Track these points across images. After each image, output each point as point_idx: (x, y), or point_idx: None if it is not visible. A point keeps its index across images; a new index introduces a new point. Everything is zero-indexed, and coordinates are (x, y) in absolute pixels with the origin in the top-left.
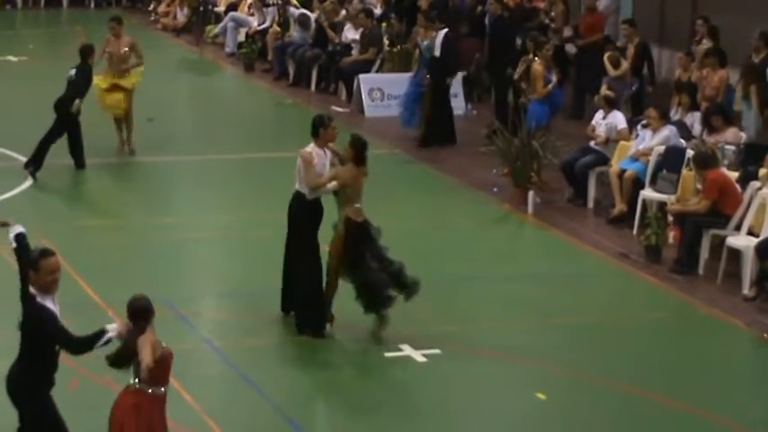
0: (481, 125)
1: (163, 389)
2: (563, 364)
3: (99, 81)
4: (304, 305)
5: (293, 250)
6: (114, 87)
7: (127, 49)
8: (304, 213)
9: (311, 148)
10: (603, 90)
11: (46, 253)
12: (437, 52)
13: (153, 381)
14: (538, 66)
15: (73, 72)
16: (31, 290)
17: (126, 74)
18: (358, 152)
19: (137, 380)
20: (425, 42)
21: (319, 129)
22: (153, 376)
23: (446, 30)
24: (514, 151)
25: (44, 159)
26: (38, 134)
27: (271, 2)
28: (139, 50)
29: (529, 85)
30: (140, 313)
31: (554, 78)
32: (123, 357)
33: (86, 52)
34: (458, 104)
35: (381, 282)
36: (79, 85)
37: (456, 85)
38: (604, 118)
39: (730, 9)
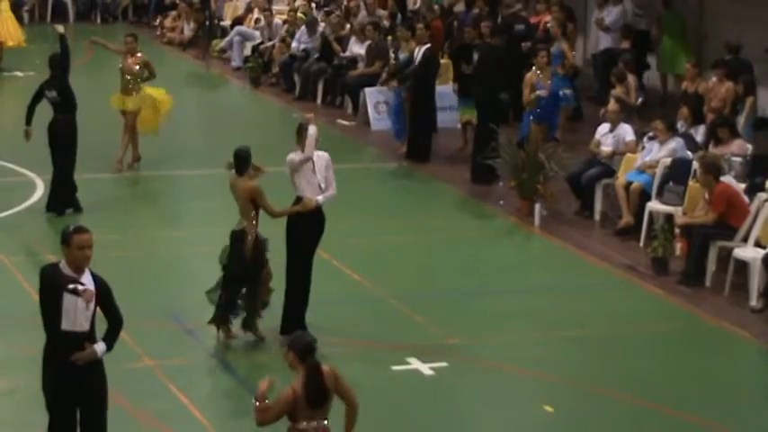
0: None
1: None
2: (570, 377)
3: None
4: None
5: (302, 261)
6: (124, 112)
7: (138, 66)
8: (315, 221)
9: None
10: (612, 104)
11: (80, 229)
12: (417, 66)
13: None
14: (529, 74)
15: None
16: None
17: (133, 93)
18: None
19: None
20: (404, 54)
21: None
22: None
23: (428, 45)
24: (521, 163)
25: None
26: (45, 150)
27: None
28: (152, 68)
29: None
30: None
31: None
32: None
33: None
34: (452, 118)
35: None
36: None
37: (451, 98)
38: (612, 130)
39: (737, 21)
